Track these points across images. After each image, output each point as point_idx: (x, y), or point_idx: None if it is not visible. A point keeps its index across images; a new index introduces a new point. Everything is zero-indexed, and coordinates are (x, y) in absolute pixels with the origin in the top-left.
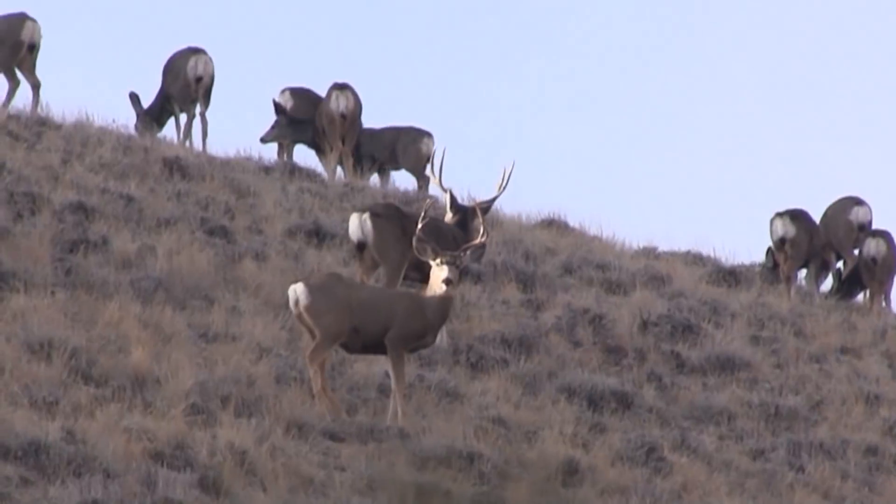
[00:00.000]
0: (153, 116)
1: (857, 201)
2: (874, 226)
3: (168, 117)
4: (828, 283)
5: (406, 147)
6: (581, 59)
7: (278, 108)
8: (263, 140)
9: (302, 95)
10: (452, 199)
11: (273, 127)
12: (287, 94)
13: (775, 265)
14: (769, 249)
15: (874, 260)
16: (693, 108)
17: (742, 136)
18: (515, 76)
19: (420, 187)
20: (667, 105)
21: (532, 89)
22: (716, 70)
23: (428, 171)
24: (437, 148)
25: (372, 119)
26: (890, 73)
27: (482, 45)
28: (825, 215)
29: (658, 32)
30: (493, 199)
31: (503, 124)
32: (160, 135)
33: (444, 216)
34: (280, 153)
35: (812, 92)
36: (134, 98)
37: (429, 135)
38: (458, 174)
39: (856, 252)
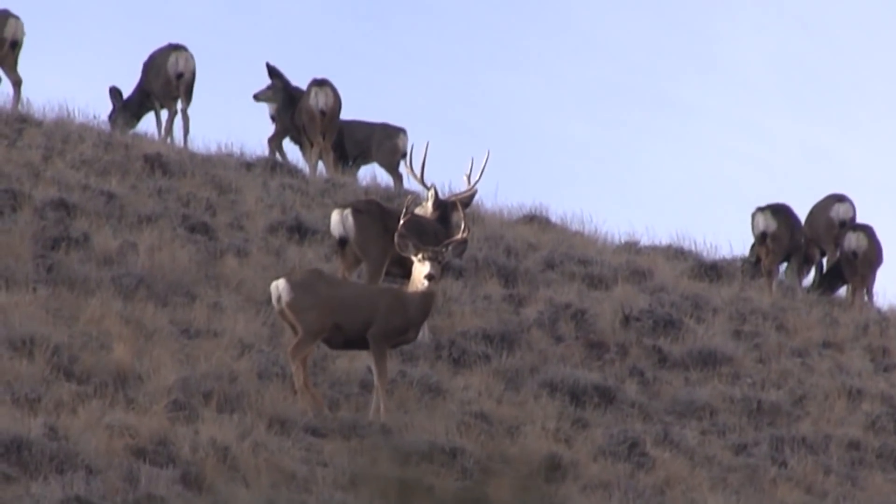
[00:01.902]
0: (132, 111)
1: (839, 198)
2: (858, 221)
3: (146, 112)
4: (810, 278)
5: (381, 143)
6: (563, 54)
7: (272, 71)
8: (256, 97)
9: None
10: (436, 195)
11: (268, 87)
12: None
13: (758, 260)
14: (754, 245)
15: (854, 254)
16: (675, 103)
17: (724, 131)
18: (497, 71)
19: (395, 183)
20: (649, 99)
21: (514, 84)
22: (698, 64)
23: (402, 168)
24: (413, 144)
25: (352, 115)
26: (873, 70)
27: (464, 40)
28: (811, 213)
29: (637, 25)
30: (473, 192)
31: (484, 119)
32: (141, 131)
33: (424, 212)
34: (271, 150)
35: (794, 87)
36: (115, 92)
37: (403, 131)
38: (440, 171)
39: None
